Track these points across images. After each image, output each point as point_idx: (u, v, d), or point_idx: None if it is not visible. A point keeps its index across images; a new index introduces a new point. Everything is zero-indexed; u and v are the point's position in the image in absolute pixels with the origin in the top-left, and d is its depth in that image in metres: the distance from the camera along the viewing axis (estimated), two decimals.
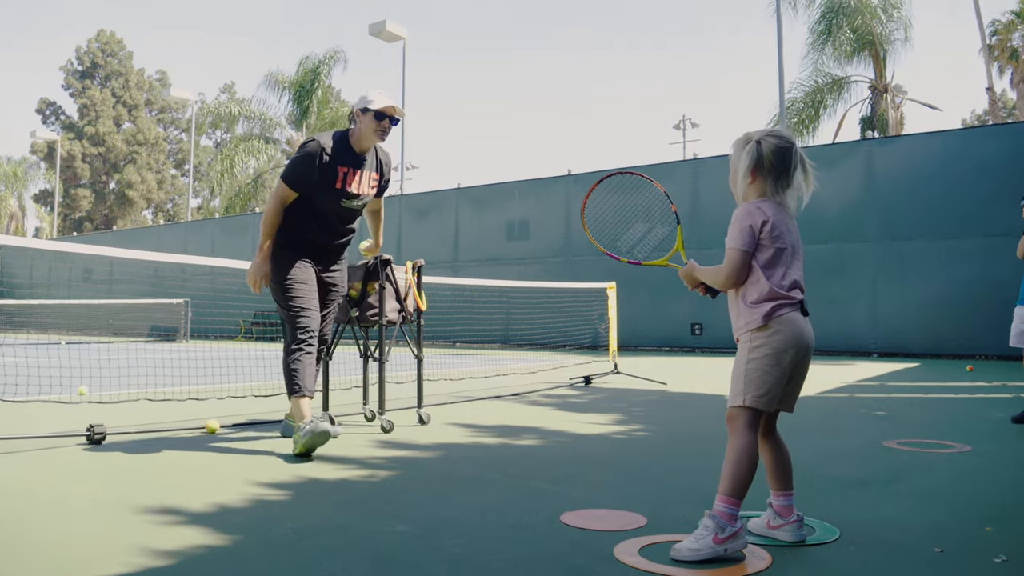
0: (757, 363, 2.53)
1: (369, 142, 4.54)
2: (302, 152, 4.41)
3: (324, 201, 4.51)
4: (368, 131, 4.47)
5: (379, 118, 4.46)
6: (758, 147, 2.62)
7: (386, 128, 4.51)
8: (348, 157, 4.50)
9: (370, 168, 4.64)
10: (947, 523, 2.88)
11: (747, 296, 2.58)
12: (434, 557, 2.46)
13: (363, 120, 4.46)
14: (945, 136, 13.79)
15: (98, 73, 54.18)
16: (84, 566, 2.34)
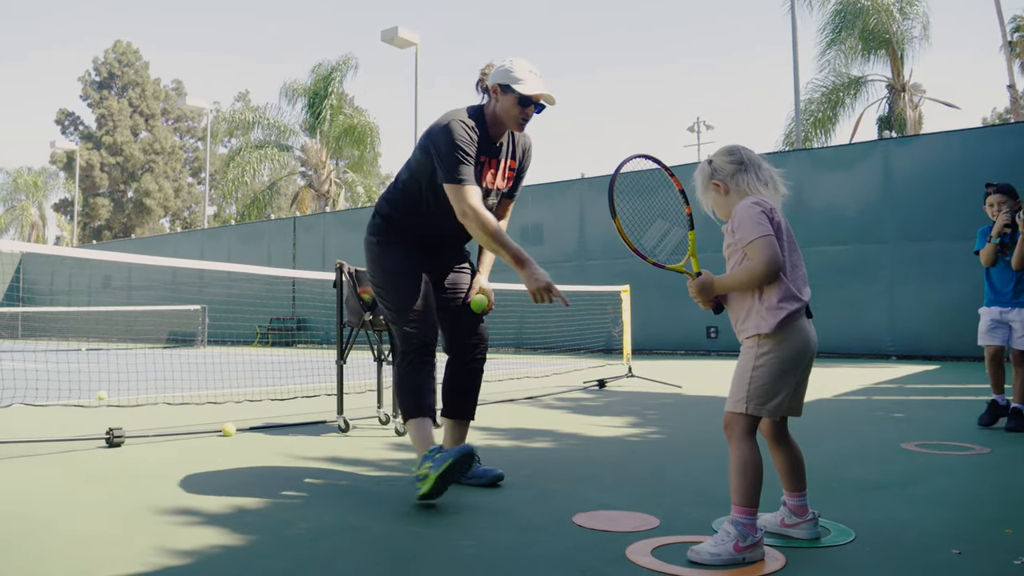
0: (764, 371, 2.48)
1: (504, 128, 3.57)
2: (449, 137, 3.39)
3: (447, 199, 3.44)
4: (508, 116, 3.48)
5: (524, 104, 3.45)
6: (710, 163, 2.69)
7: (529, 117, 3.51)
8: (485, 144, 3.53)
9: (507, 155, 3.67)
10: (965, 525, 2.85)
11: (768, 297, 2.49)
12: (447, 558, 2.47)
13: (503, 101, 3.46)
14: (964, 135, 13.67)
15: (115, 83, 54.66)
16: (103, 565, 2.37)
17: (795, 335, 2.50)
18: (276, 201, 36.85)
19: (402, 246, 3.60)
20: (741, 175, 2.61)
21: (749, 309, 2.53)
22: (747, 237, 2.48)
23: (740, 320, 2.58)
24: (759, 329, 2.48)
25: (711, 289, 2.58)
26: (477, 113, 3.53)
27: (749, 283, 2.50)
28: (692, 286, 2.61)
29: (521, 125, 3.52)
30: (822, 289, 13.68)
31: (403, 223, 3.61)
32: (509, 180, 3.71)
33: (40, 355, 14.06)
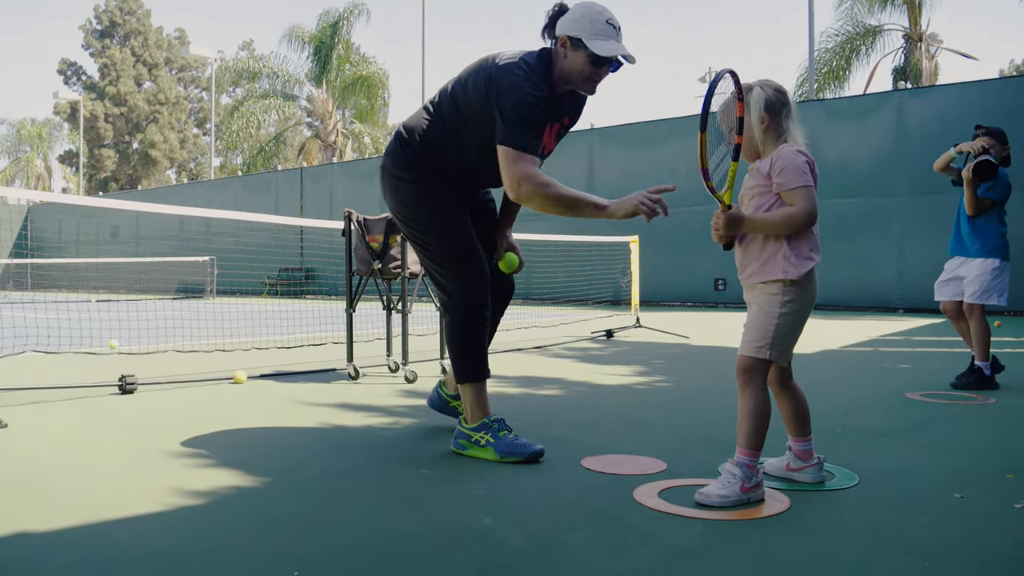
0: (788, 318, 2.50)
1: (570, 87, 3.07)
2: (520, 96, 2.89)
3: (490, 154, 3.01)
4: (577, 76, 2.99)
5: (597, 64, 2.95)
6: (763, 91, 2.56)
7: (601, 79, 3.04)
8: (548, 108, 3.04)
9: (560, 115, 3.20)
10: (968, 471, 2.89)
11: (799, 246, 2.49)
12: (459, 499, 2.51)
13: (573, 58, 2.95)
14: (981, 86, 13.49)
15: (117, 32, 54.12)
16: (121, 505, 2.42)
17: (813, 285, 2.55)
18: (283, 152, 36.68)
19: (442, 185, 3.18)
20: (786, 119, 2.56)
21: (774, 254, 2.51)
22: (791, 183, 2.46)
23: (758, 263, 2.55)
24: (786, 275, 2.48)
25: (739, 225, 2.51)
26: (544, 70, 3.00)
27: (783, 228, 2.48)
28: (721, 217, 2.49)
29: (591, 88, 3.06)
30: (831, 241, 13.61)
31: (439, 161, 3.17)
32: (557, 139, 3.27)
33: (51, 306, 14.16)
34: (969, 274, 4.96)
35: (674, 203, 14.38)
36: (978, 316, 4.92)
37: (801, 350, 6.76)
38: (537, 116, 2.93)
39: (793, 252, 2.49)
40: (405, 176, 3.18)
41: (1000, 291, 4.88)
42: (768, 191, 2.53)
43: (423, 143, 3.15)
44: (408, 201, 3.19)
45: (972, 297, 4.91)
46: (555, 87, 3.05)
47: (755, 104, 2.54)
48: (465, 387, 3.19)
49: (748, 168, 2.68)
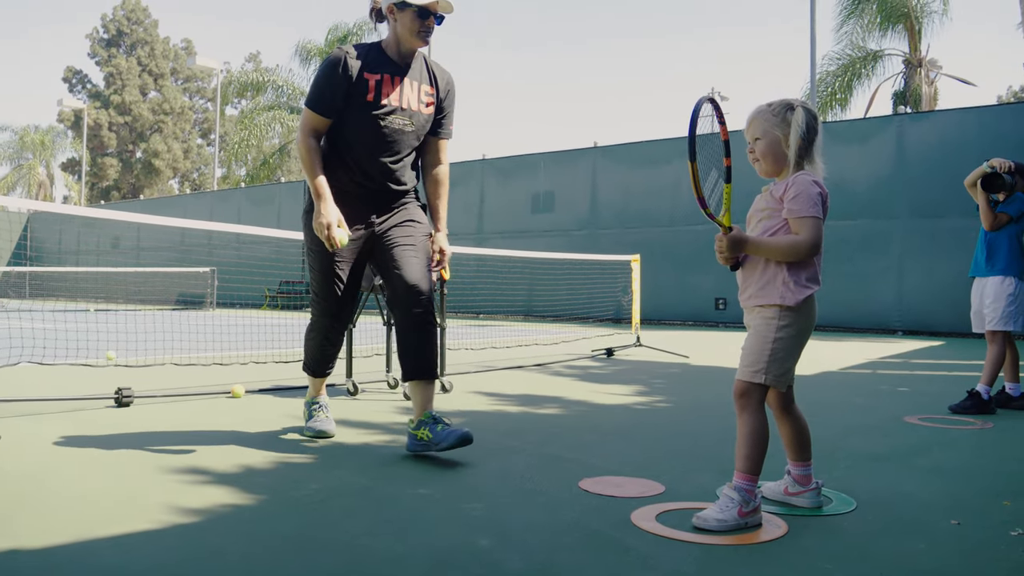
0: (784, 343, 2.50)
1: (410, 46, 3.49)
2: (323, 62, 3.48)
3: (358, 123, 3.49)
4: (407, 32, 3.44)
5: (423, 16, 3.41)
6: (806, 114, 2.54)
7: (431, 28, 3.46)
8: (382, 63, 3.49)
9: (419, 79, 3.59)
10: (965, 497, 2.88)
11: (798, 273, 2.50)
12: (454, 520, 2.50)
13: (402, 19, 3.42)
14: (980, 112, 13.56)
15: (124, 41, 54.34)
16: (113, 523, 2.40)
17: (810, 311, 2.55)
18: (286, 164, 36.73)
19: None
20: (813, 146, 2.55)
21: (772, 278, 2.51)
22: (801, 211, 2.47)
23: (757, 286, 2.55)
24: (784, 301, 2.49)
25: (742, 246, 2.51)
26: (373, 43, 3.56)
27: (786, 255, 2.49)
28: (724, 240, 2.49)
29: (424, 37, 3.45)
30: (831, 263, 13.59)
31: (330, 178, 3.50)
32: (429, 107, 3.61)
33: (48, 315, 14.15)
34: (987, 298, 4.97)
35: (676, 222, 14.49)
36: (999, 342, 4.93)
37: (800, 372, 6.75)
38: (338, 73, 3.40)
39: (792, 278, 2.49)
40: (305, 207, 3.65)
41: (1016, 316, 4.88)
42: (777, 215, 2.53)
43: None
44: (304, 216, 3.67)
45: (992, 324, 4.92)
46: (393, 53, 3.52)
47: (796, 125, 2.53)
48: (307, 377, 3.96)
49: (761, 188, 2.68)
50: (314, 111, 3.47)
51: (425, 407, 3.41)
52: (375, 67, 3.47)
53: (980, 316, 5.06)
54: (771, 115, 2.58)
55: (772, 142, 2.58)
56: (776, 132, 2.57)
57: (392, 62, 3.52)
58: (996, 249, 4.95)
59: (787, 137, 2.54)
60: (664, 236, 16.52)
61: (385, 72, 3.49)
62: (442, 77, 3.67)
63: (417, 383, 3.46)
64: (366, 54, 3.47)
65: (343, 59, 3.42)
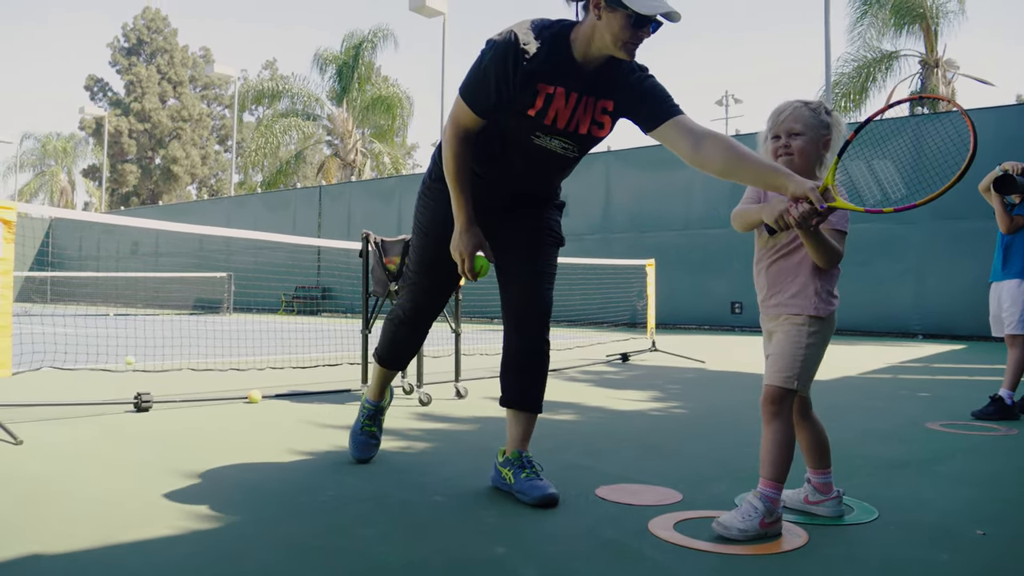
0: (813, 350, 2.49)
1: (605, 53, 2.66)
2: (490, 48, 2.68)
3: (510, 135, 2.82)
4: (612, 39, 2.59)
5: (638, 25, 2.55)
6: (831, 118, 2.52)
7: (641, 41, 2.62)
8: (561, 69, 2.68)
9: (599, 94, 2.76)
10: (990, 505, 2.84)
11: (827, 283, 2.51)
12: (469, 527, 2.49)
13: (608, 20, 2.56)
14: (998, 112, 13.42)
15: (144, 50, 54.83)
16: (131, 528, 2.41)
17: (834, 319, 2.56)
18: (302, 170, 36.90)
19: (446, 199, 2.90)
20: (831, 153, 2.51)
21: (803, 287, 2.49)
22: (841, 225, 2.49)
23: (789, 294, 2.52)
24: (817, 312, 2.48)
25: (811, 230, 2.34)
26: (560, 28, 2.70)
27: (826, 259, 2.45)
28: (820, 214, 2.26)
29: (631, 51, 2.63)
30: (850, 266, 13.43)
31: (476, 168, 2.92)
32: (604, 129, 2.85)
33: (69, 320, 14.26)
34: (1005, 302, 4.91)
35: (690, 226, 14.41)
36: (1019, 346, 4.87)
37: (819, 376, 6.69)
38: (509, 69, 2.63)
39: (824, 289, 2.50)
40: (424, 184, 3.14)
41: None
42: None
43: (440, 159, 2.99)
44: (417, 204, 3.18)
45: (1011, 328, 4.86)
46: (579, 52, 2.68)
47: (840, 129, 2.52)
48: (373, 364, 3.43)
49: None
50: (468, 105, 2.74)
51: (518, 443, 2.99)
52: (552, 76, 2.68)
53: (999, 320, 5.00)
54: (812, 113, 2.54)
55: (812, 140, 2.53)
56: (819, 132, 2.53)
57: (574, 68, 2.70)
58: (1013, 252, 4.90)
59: (824, 139, 2.52)
60: (679, 240, 16.46)
61: (561, 85, 2.70)
62: (626, 76, 2.76)
63: (517, 413, 3.04)
64: (548, 50, 2.65)
65: (516, 50, 2.63)
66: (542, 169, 2.94)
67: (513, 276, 3.03)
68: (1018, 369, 4.85)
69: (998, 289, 5.00)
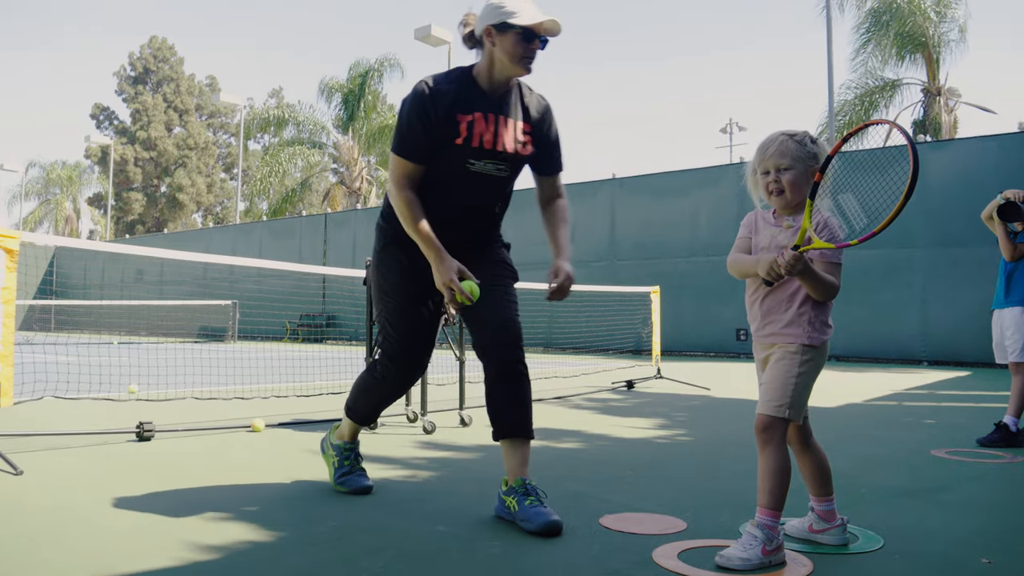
0: (804, 378, 2.49)
1: (507, 74, 3.00)
2: (406, 100, 3.00)
3: (446, 170, 3.04)
4: (509, 58, 2.93)
5: (528, 39, 2.90)
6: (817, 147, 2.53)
7: (534, 54, 2.95)
8: (473, 98, 3.01)
9: (513, 115, 3.08)
10: (996, 534, 2.82)
11: (823, 314, 2.52)
12: (473, 558, 2.47)
13: (502, 43, 2.92)
14: (1001, 140, 13.47)
15: (150, 79, 55.31)
16: (132, 559, 2.40)
17: (827, 348, 2.56)
18: (307, 197, 37.06)
19: (407, 257, 3.14)
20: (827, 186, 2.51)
21: (797, 316, 2.50)
22: (838, 258, 2.50)
23: (780, 322, 2.53)
24: (811, 341, 2.49)
25: (801, 271, 2.39)
26: (460, 71, 3.07)
27: (822, 293, 2.46)
28: (800, 260, 2.36)
29: (527, 65, 2.95)
30: (854, 292, 13.53)
31: None
32: (526, 147, 3.12)
33: (72, 348, 14.27)
34: (1007, 330, 4.90)
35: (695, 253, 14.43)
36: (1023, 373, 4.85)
37: (824, 404, 6.66)
38: (423, 113, 2.93)
39: (818, 319, 2.50)
40: (377, 245, 3.32)
41: None
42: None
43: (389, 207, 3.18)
44: (373, 263, 3.34)
45: (1014, 355, 4.84)
46: (485, 83, 3.02)
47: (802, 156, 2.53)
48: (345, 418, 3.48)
49: (763, 216, 2.65)
50: (404, 158, 2.99)
51: (519, 471, 2.97)
52: (467, 105, 2.98)
53: (1002, 348, 4.99)
54: (798, 145, 2.55)
55: (802, 172, 2.55)
56: (807, 163, 2.54)
57: (484, 96, 3.02)
58: (1015, 280, 4.90)
59: (812, 170, 2.52)
60: (684, 267, 16.48)
61: (478, 111, 3.00)
62: (538, 108, 3.15)
63: (511, 442, 3.02)
64: (456, 88, 2.99)
65: (428, 94, 2.95)
66: (481, 195, 3.15)
67: (482, 308, 3.06)
68: (1022, 396, 4.83)
69: (1000, 317, 5.00)
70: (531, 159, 3.18)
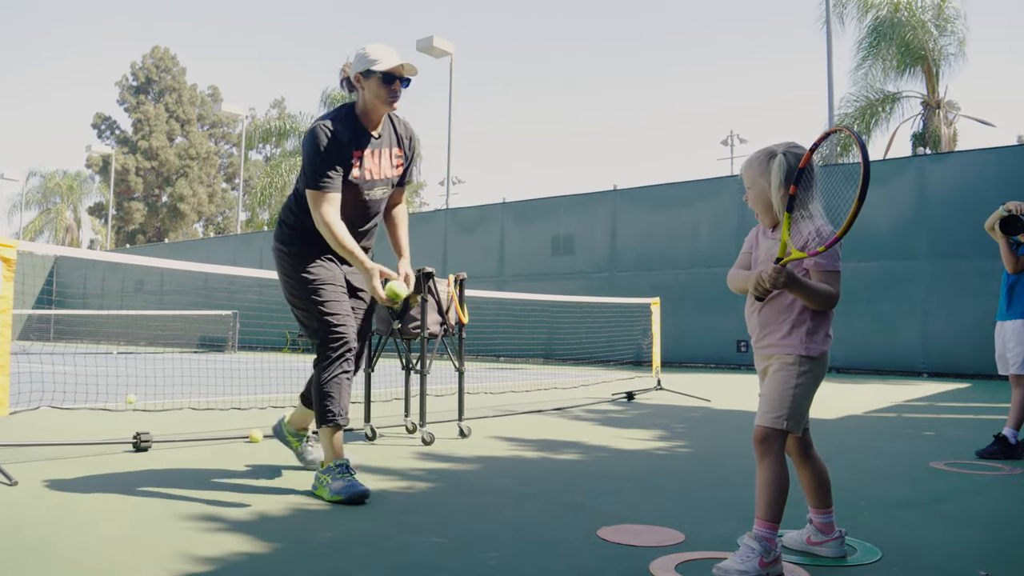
0: (802, 389, 2.49)
1: (379, 112, 3.65)
2: (311, 143, 3.53)
3: (345, 197, 3.62)
4: (376, 99, 3.58)
5: (388, 81, 3.55)
6: (786, 158, 2.51)
7: (397, 92, 3.60)
8: (361, 136, 3.63)
9: (389, 144, 3.76)
10: (994, 546, 2.81)
11: (821, 324, 2.51)
12: (469, 570, 2.46)
13: (369, 86, 3.57)
14: (1000, 152, 13.48)
15: (152, 88, 55.43)
16: (128, 571, 2.39)
17: (826, 357, 2.55)
18: None
19: (313, 253, 3.67)
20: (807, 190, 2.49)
21: (795, 326, 2.51)
22: (831, 265, 2.49)
23: (778, 335, 2.53)
24: (808, 351, 2.49)
25: (791, 284, 2.42)
26: (347, 111, 3.64)
27: (819, 302, 2.47)
28: (783, 274, 2.40)
29: (391, 102, 3.60)
30: (854, 304, 13.53)
31: (310, 229, 3.63)
32: (399, 168, 3.81)
33: (70, 358, 14.27)
34: (1009, 342, 4.89)
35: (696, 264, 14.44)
36: None
37: (824, 415, 6.64)
38: (330, 152, 3.49)
39: (817, 330, 2.50)
40: (283, 248, 3.76)
41: None
42: (798, 264, 2.49)
43: (293, 215, 3.73)
44: (282, 269, 3.78)
45: (1015, 368, 4.83)
46: (365, 121, 3.64)
47: (774, 175, 2.52)
48: (323, 430, 3.57)
49: (763, 231, 2.66)
50: (327, 191, 3.51)
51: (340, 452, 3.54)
52: (357, 142, 3.60)
53: (1004, 359, 4.98)
54: (756, 164, 2.59)
55: (758, 192, 2.59)
56: (762, 182, 2.56)
57: (367, 133, 3.65)
58: (1017, 292, 4.90)
59: (766, 188, 2.55)
60: (684, 278, 16.47)
61: (366, 147, 3.63)
62: (406, 134, 3.84)
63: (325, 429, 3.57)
64: (348, 127, 3.58)
65: (331, 136, 3.51)
66: (372, 216, 3.81)
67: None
68: (1022, 408, 4.82)
69: (1002, 329, 4.99)
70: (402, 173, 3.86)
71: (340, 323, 3.57)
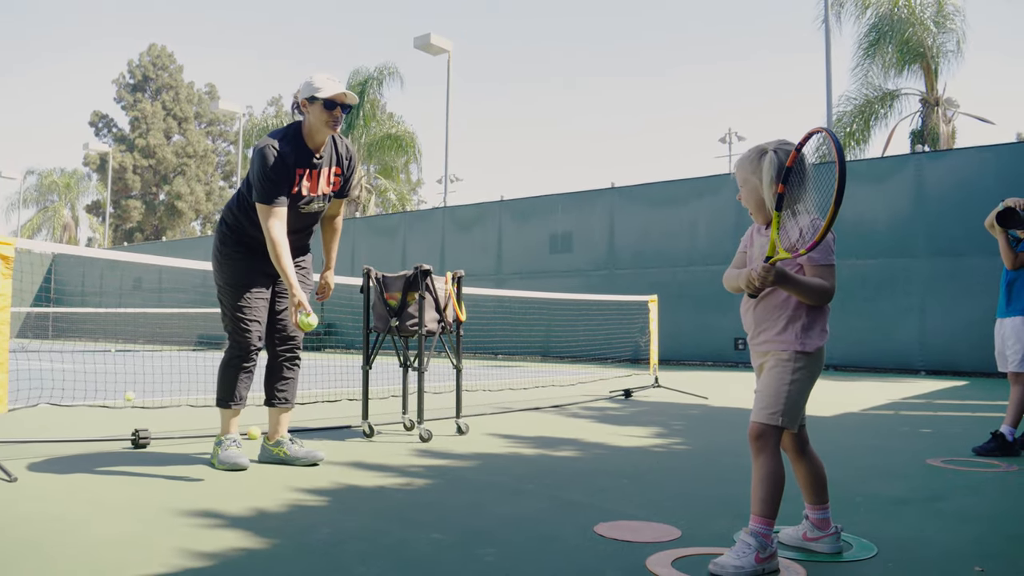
0: (798, 385, 2.50)
1: (322, 135, 4.00)
2: (260, 161, 3.89)
3: (289, 208, 4.02)
4: (319, 123, 3.95)
5: (329, 107, 3.93)
6: (776, 155, 2.52)
7: (338, 118, 3.98)
8: (304, 156, 4.00)
9: (329, 163, 4.13)
10: (990, 542, 2.82)
11: (817, 319, 2.52)
12: (467, 566, 2.47)
13: (312, 111, 3.94)
14: (998, 150, 13.49)
15: (149, 86, 55.34)
16: (126, 567, 2.40)
17: (822, 354, 2.57)
18: None
19: (244, 256, 4.15)
20: (799, 187, 2.49)
21: (790, 322, 2.52)
22: (824, 259, 2.50)
23: (773, 331, 2.54)
24: (804, 347, 2.50)
25: (782, 280, 2.44)
26: (294, 131, 4.01)
27: (813, 298, 2.49)
28: (771, 272, 2.42)
29: (333, 126, 3.97)
30: (852, 302, 13.55)
31: (247, 231, 4.12)
32: (335, 185, 4.21)
33: (68, 355, 14.26)
34: (1008, 339, 4.90)
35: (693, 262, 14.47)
36: (1022, 383, 4.85)
37: (820, 413, 6.66)
38: (277, 170, 3.87)
39: (812, 326, 2.51)
40: (218, 246, 4.20)
41: None
42: (791, 262, 2.50)
43: (234, 216, 4.17)
44: (216, 264, 4.23)
45: (1014, 365, 4.84)
46: (309, 141, 4.01)
47: (765, 173, 2.53)
48: (220, 409, 4.26)
49: (761, 231, 2.66)
50: (275, 205, 3.90)
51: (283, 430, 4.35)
52: (300, 161, 3.97)
53: (1003, 356, 4.99)
54: (748, 163, 2.60)
55: (750, 190, 2.60)
56: (754, 179, 2.58)
57: (310, 152, 4.01)
58: (1016, 289, 4.91)
59: (757, 186, 2.56)
60: (682, 276, 16.48)
61: (308, 166, 4.01)
62: (346, 155, 4.22)
63: (279, 409, 4.38)
64: (293, 147, 3.94)
65: (278, 155, 3.87)
66: (309, 224, 4.29)
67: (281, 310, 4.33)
68: (1020, 406, 4.83)
69: (1001, 326, 5.00)
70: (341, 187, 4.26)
71: (248, 328, 4.13)
